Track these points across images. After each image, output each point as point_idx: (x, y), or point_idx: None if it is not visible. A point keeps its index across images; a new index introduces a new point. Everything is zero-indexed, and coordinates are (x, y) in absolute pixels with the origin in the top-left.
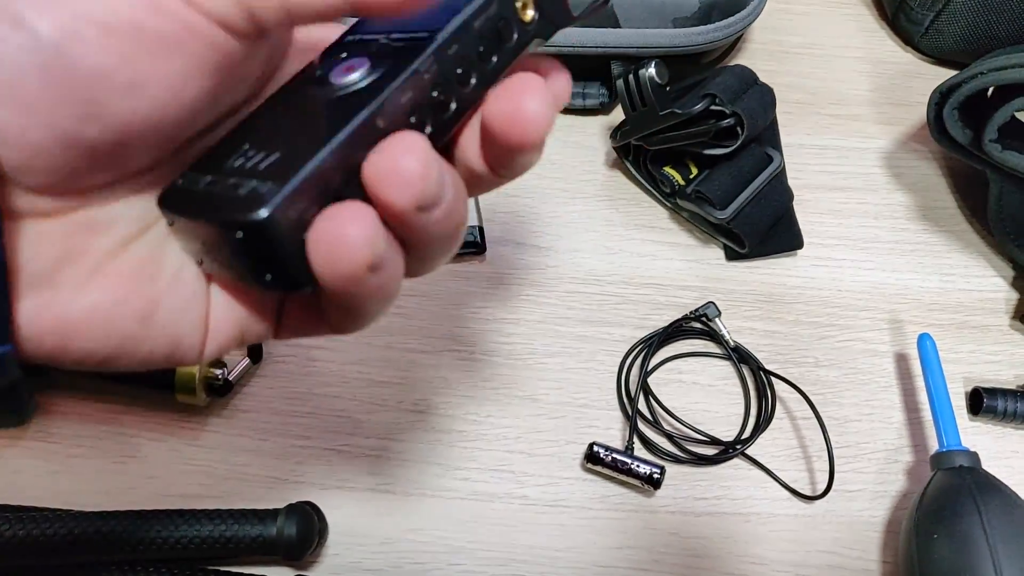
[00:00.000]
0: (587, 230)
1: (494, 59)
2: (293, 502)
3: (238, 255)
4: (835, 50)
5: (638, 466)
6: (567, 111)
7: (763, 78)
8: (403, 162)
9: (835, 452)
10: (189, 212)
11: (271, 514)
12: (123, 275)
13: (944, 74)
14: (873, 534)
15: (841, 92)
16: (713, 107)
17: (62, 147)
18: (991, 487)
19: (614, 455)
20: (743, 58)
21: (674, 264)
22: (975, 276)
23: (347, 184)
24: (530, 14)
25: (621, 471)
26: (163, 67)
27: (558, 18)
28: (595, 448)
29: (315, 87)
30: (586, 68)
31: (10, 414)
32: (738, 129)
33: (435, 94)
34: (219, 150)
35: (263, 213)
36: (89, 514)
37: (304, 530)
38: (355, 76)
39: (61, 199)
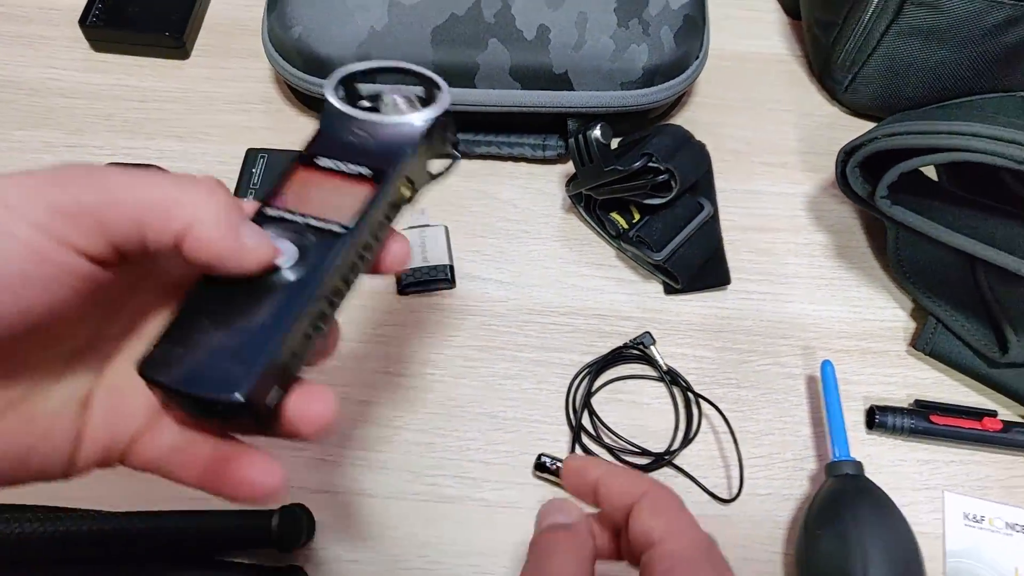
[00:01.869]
0: (544, 267)
1: (382, 235)
2: (286, 504)
3: (211, 417)
4: (770, 104)
5: None
6: (530, 161)
7: (705, 129)
8: (312, 407)
9: (750, 461)
10: (169, 382)
11: (267, 513)
12: (46, 412)
13: (863, 127)
14: (779, 531)
15: (773, 142)
16: (650, 164)
17: None
18: (867, 492)
19: (559, 464)
20: (689, 110)
21: (618, 297)
22: (879, 308)
23: (295, 358)
24: (408, 193)
25: None
26: (47, 298)
27: (421, 186)
28: (543, 458)
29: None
30: (545, 124)
31: None
32: (672, 183)
33: (346, 276)
34: (182, 324)
35: (238, 396)
36: (115, 513)
37: (293, 527)
38: (285, 261)
39: None
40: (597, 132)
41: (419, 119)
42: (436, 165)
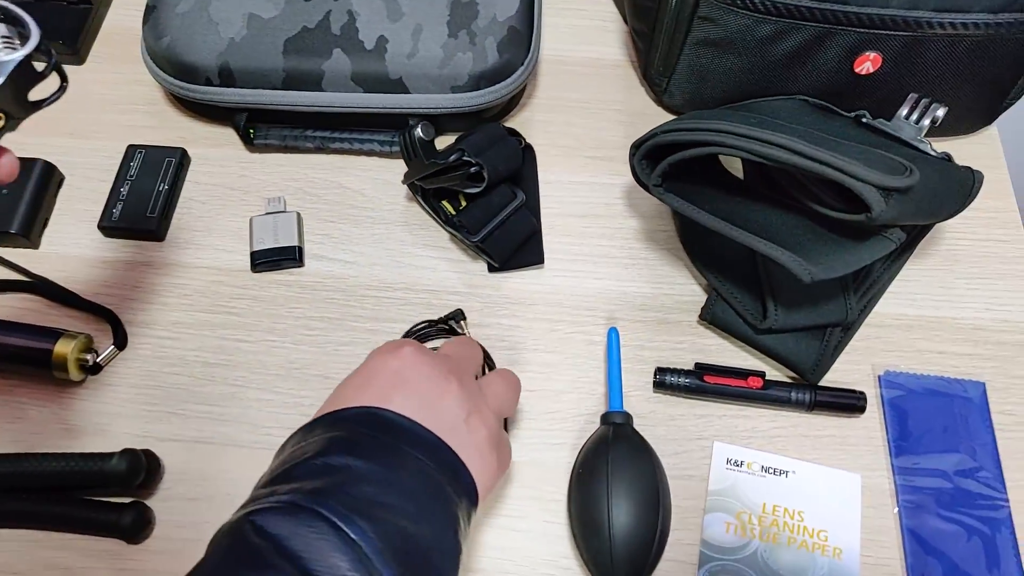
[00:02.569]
0: (385, 248)
1: None
2: (128, 448)
3: None
4: (602, 104)
5: None
6: (380, 155)
7: (540, 127)
8: None
9: (549, 415)
10: None
11: (109, 456)
12: None
13: None
14: (565, 475)
15: (601, 138)
16: (464, 158)
17: None
18: (626, 437)
19: None
20: (527, 110)
21: (448, 275)
22: (678, 284)
23: None
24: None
25: None
26: None
27: (20, 114)
28: None
29: None
30: (391, 123)
31: None
32: (484, 174)
33: None
34: None
35: None
36: None
37: (131, 468)
38: None
39: None
40: (419, 131)
41: (5, 57)
42: (37, 93)
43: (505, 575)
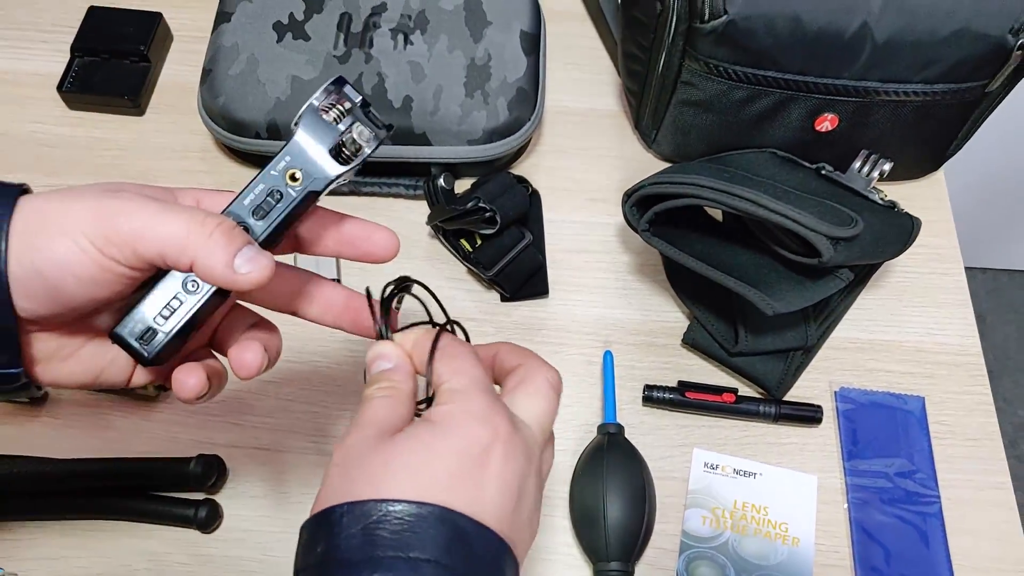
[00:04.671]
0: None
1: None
2: (203, 453)
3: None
4: (599, 150)
5: None
6: (405, 197)
7: (545, 171)
8: (183, 378)
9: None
10: (123, 347)
11: (187, 460)
12: (84, 356)
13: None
14: (568, 475)
15: (598, 182)
16: (479, 205)
17: (51, 313)
18: (619, 445)
19: None
20: (533, 156)
21: (466, 304)
22: (665, 312)
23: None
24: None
25: None
26: (98, 291)
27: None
28: None
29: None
30: (415, 170)
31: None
32: (496, 218)
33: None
34: (135, 306)
35: (149, 356)
36: (76, 459)
37: (206, 470)
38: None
39: (52, 331)
40: (441, 181)
41: (336, 170)
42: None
43: None
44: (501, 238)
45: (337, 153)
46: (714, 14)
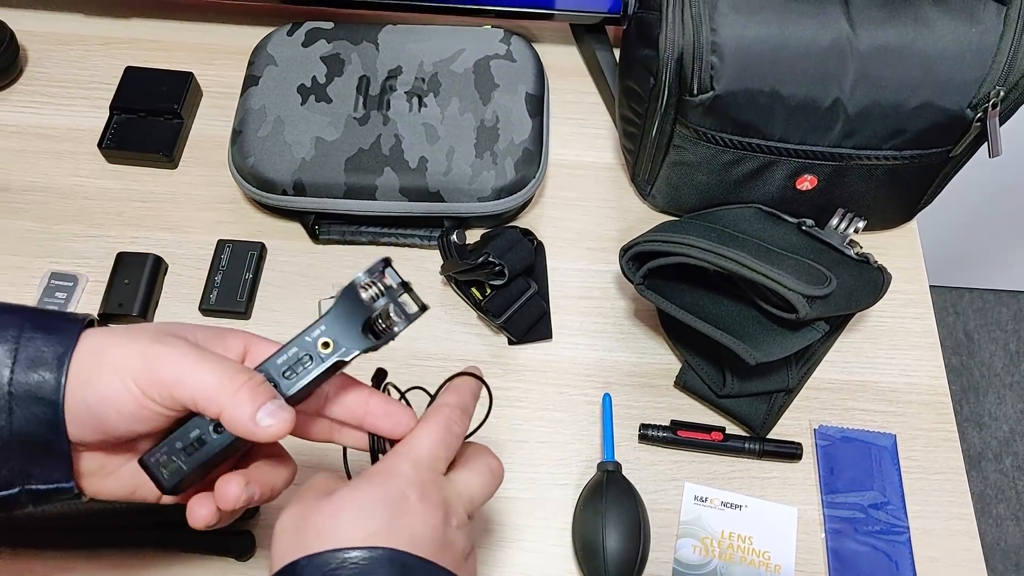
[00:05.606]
0: (425, 326)
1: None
2: None
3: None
4: (597, 202)
5: None
6: (420, 247)
7: (548, 222)
8: (224, 489)
9: (556, 461)
10: (148, 473)
11: None
12: (123, 475)
13: (665, 220)
14: (570, 508)
15: (597, 232)
16: (489, 260)
17: (95, 440)
18: (617, 482)
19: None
20: (538, 208)
21: (477, 347)
22: (658, 355)
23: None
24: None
25: None
26: (136, 424)
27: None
28: None
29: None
30: (429, 223)
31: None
32: (505, 272)
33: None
34: (164, 439)
35: (167, 488)
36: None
37: None
38: None
39: (96, 451)
40: (454, 237)
41: (363, 345)
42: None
43: None
44: (509, 288)
45: (369, 327)
46: (702, 89)
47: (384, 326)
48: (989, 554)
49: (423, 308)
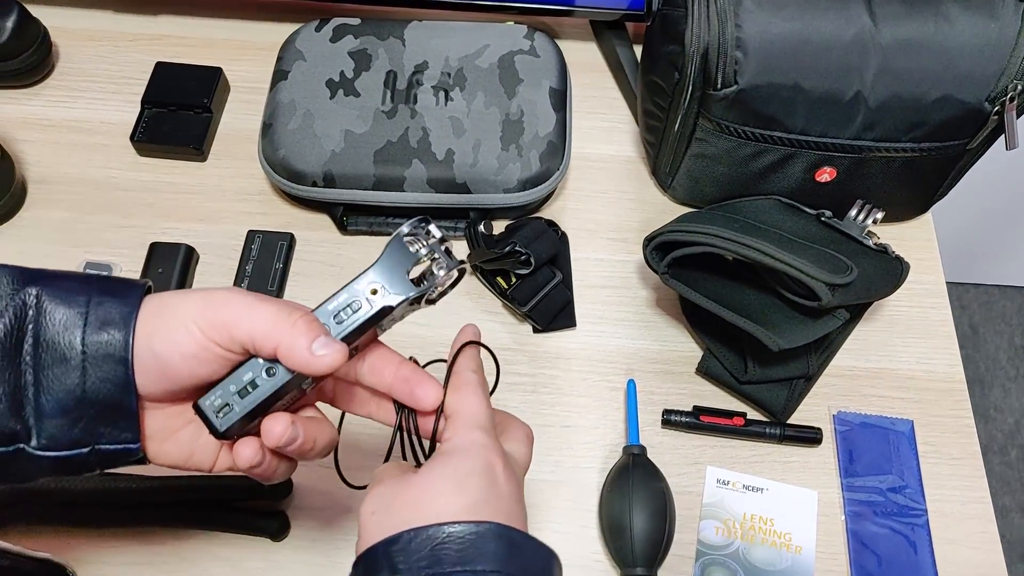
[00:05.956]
0: (453, 314)
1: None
2: None
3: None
4: (618, 194)
5: None
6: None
7: (571, 213)
8: (270, 426)
9: (581, 445)
10: (201, 417)
11: None
12: (182, 439)
13: (682, 212)
14: (596, 490)
15: (618, 223)
16: (516, 249)
17: (160, 389)
18: (643, 464)
19: None
20: (560, 200)
21: (502, 335)
22: (680, 343)
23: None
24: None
25: None
26: (198, 367)
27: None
28: None
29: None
30: (456, 214)
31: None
32: (531, 260)
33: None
34: (218, 383)
35: (221, 429)
36: (166, 477)
37: (276, 485)
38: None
39: (161, 406)
40: (481, 228)
41: (411, 291)
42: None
43: None
44: (535, 277)
45: (414, 278)
46: (726, 83)
47: (429, 275)
48: None
49: (462, 263)
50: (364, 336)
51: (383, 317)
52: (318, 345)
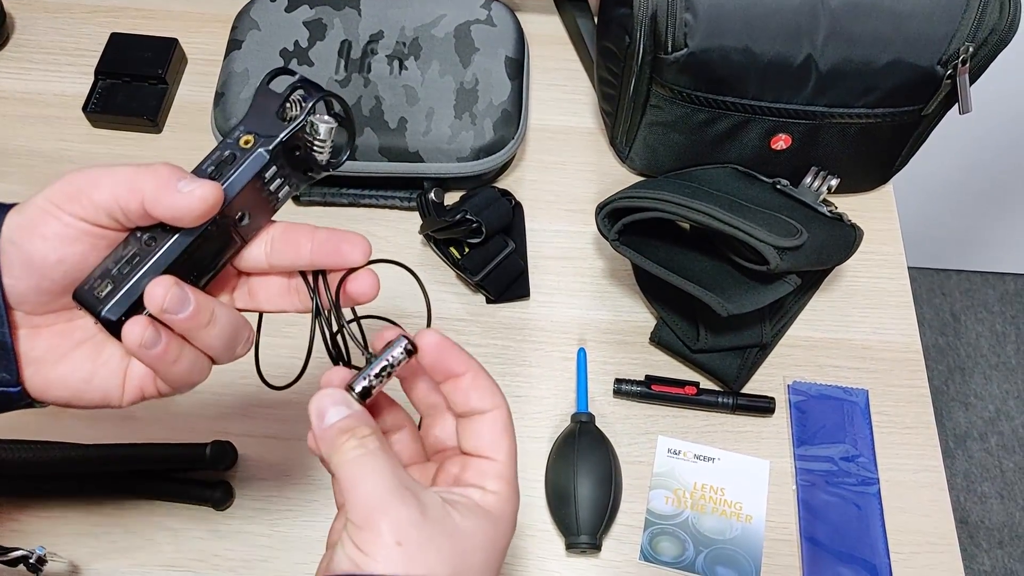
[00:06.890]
0: (403, 284)
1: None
2: (216, 439)
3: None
4: (576, 165)
5: None
6: (400, 208)
7: (528, 184)
8: (151, 289)
9: (531, 415)
10: (81, 304)
11: (203, 445)
12: (75, 361)
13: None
14: (543, 459)
15: (575, 194)
16: (466, 217)
17: (30, 288)
18: (590, 432)
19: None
20: (518, 171)
21: (454, 306)
22: (635, 312)
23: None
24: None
25: None
26: (65, 249)
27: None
28: None
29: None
30: (409, 184)
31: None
32: (482, 229)
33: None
34: (97, 268)
35: (102, 311)
36: (100, 444)
37: (220, 454)
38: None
39: (42, 318)
40: (432, 196)
41: (280, 130)
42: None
43: None
44: (487, 246)
45: (285, 119)
46: (676, 47)
47: (295, 113)
48: (974, 532)
49: (329, 92)
50: (248, 195)
51: (261, 167)
52: (184, 183)
